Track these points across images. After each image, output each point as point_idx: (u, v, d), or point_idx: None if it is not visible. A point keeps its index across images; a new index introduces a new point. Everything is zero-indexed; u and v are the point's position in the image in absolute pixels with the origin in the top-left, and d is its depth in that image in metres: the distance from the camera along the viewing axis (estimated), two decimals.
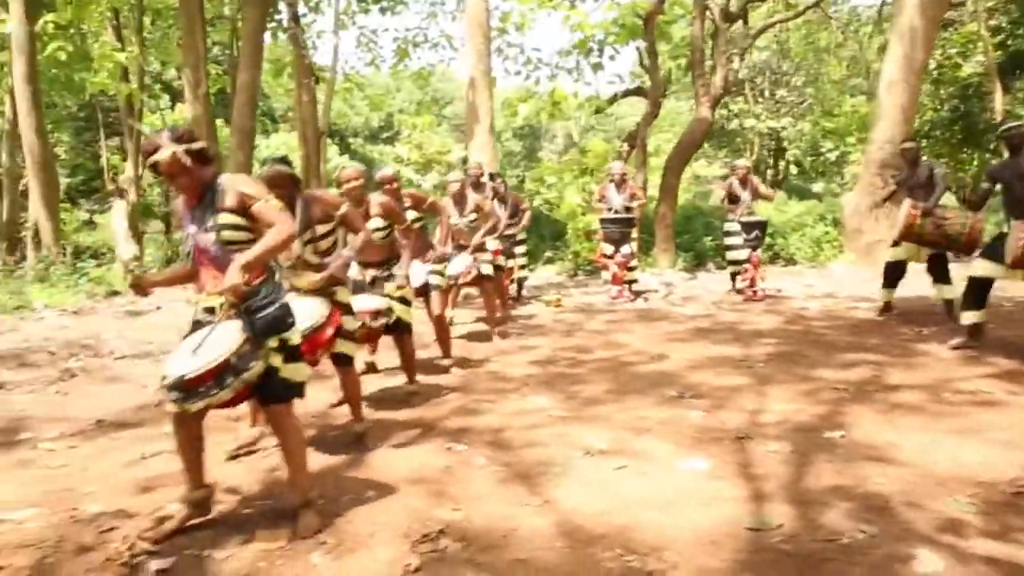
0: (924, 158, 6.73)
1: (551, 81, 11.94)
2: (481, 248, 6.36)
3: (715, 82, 10.91)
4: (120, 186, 12.59)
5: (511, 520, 2.86)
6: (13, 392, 5.18)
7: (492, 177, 8.48)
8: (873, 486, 3.07)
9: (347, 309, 3.95)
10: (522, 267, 8.79)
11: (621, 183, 8.44)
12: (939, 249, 6.36)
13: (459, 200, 6.36)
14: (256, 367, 2.65)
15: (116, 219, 12.41)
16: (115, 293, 9.95)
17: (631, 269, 8.68)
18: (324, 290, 3.75)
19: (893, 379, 4.83)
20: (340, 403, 4.42)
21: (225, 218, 2.74)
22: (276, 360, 2.76)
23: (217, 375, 2.56)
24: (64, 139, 19.56)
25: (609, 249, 8.48)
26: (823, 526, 2.74)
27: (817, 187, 30.98)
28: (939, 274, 6.56)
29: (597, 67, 11.44)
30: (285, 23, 12.71)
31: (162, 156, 2.70)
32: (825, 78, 24.55)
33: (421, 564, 2.52)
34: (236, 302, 2.66)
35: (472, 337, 6.85)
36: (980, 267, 5.42)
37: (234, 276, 2.57)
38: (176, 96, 23.59)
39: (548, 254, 12.04)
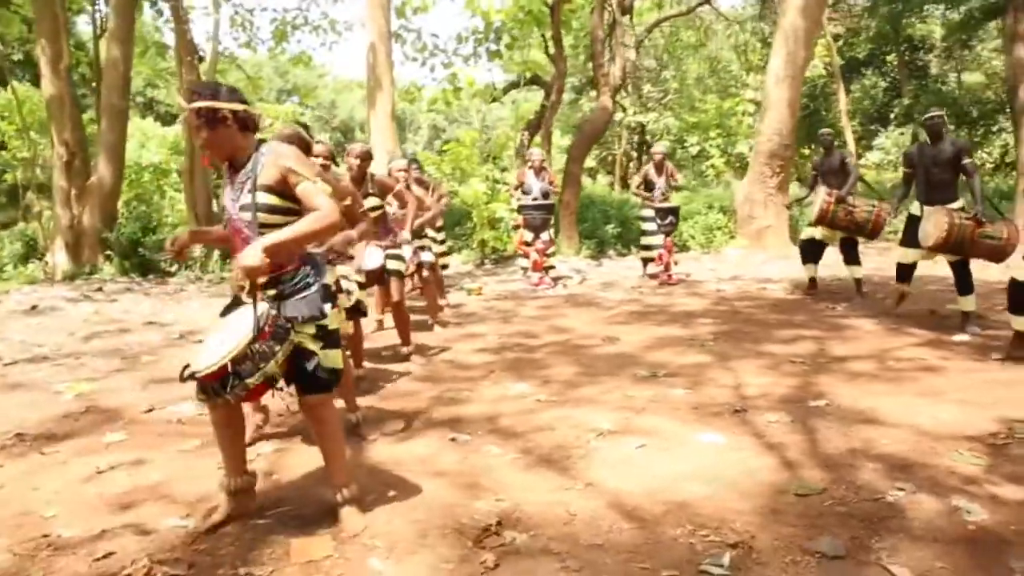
0: (836, 146, 7.21)
1: (446, 68, 11.71)
2: (421, 236, 6.19)
3: (614, 72, 11.15)
4: None
5: (563, 505, 2.73)
6: None
7: (410, 163, 8.19)
8: (883, 447, 3.21)
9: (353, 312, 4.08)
10: (443, 254, 8.55)
11: (540, 170, 8.41)
12: (849, 234, 6.86)
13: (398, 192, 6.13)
14: (268, 367, 2.33)
15: None
16: None
17: (550, 255, 8.69)
18: None
19: (838, 351, 5.12)
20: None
21: (263, 198, 2.42)
22: (314, 347, 2.49)
23: (219, 379, 2.32)
24: None
25: (529, 236, 8.44)
26: (863, 487, 2.81)
27: (660, 144, 32.57)
28: (850, 256, 7.08)
29: (495, 55, 11.36)
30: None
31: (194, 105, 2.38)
32: (688, 76, 25.91)
33: (498, 559, 2.34)
34: (253, 284, 2.38)
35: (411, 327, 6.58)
36: (903, 254, 5.88)
37: (251, 257, 2.27)
38: (5, 74, 21.03)
39: (449, 243, 11.82)
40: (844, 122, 20.26)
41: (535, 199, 8.37)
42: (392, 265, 5.14)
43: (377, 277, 4.95)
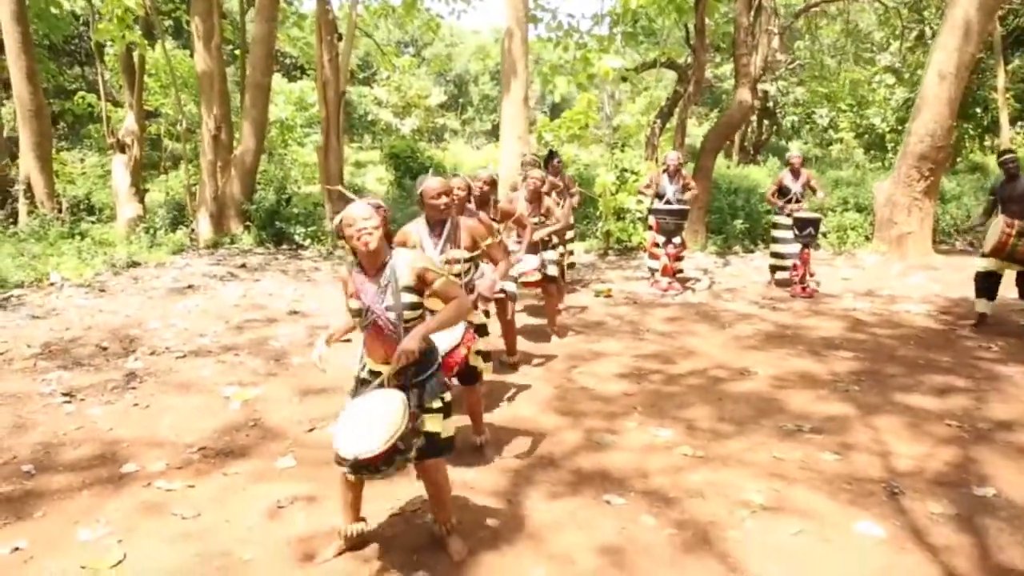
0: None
1: (579, 50, 11.48)
2: (547, 246, 6.35)
3: (755, 62, 10.63)
4: (121, 139, 11.82)
5: None
6: (87, 403, 4.86)
7: (551, 155, 8.18)
8: None
9: (480, 330, 4.27)
10: (570, 252, 8.57)
11: (675, 173, 8.21)
12: None
13: (533, 199, 6.18)
14: (417, 442, 2.79)
15: (118, 176, 11.73)
16: (135, 264, 9.43)
17: (680, 259, 8.54)
18: None
19: (998, 412, 4.82)
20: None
21: (407, 298, 2.84)
22: (438, 422, 2.91)
23: (387, 456, 2.66)
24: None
25: (661, 240, 8.30)
26: None
27: (793, 148, 31.04)
28: None
29: (630, 38, 11.04)
30: None
31: (371, 224, 2.74)
32: (818, 43, 24.31)
33: None
34: (406, 366, 2.79)
35: (529, 335, 6.69)
36: None
37: (413, 343, 2.72)
38: (153, 32, 22.27)
39: (575, 229, 11.81)
40: (1001, 101, 18.52)
41: (668, 203, 8.21)
42: (508, 287, 5.33)
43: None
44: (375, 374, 2.90)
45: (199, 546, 3.17)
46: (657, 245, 8.41)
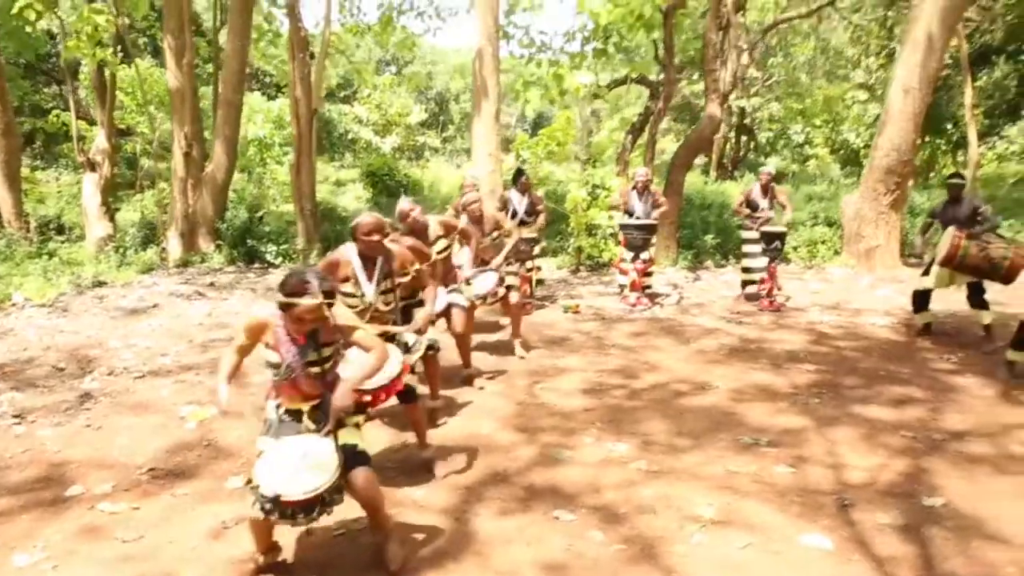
0: (966, 192, 6.70)
1: (552, 66, 11.57)
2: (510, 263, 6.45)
3: (724, 77, 10.76)
4: (92, 158, 11.74)
5: None
6: (37, 423, 4.78)
7: (519, 173, 8.23)
8: None
9: (430, 347, 4.45)
10: (538, 268, 8.58)
11: (644, 189, 8.26)
12: (979, 276, 6.41)
13: (478, 220, 6.20)
14: (338, 500, 2.88)
15: (87, 195, 11.64)
16: (100, 283, 9.33)
17: (648, 275, 8.57)
18: (392, 336, 4.05)
19: (952, 423, 4.86)
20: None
21: (326, 352, 3.02)
22: (355, 435, 3.05)
23: (307, 505, 2.72)
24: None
25: (629, 255, 8.34)
26: None
27: (771, 163, 31.48)
28: (976, 299, 6.64)
29: (601, 54, 11.13)
30: None
31: (308, 303, 2.80)
32: (793, 60, 24.66)
33: None
34: (343, 419, 3.00)
35: (495, 350, 6.69)
36: None
37: (347, 399, 2.94)
38: (130, 50, 22.19)
39: (544, 244, 11.84)
40: (968, 116, 18.86)
41: (638, 219, 8.25)
42: (456, 300, 5.45)
43: (443, 313, 5.40)
44: (292, 413, 3.04)
45: (138, 568, 3.12)
46: (624, 260, 8.44)
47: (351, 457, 2.95)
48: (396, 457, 4.37)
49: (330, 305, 2.87)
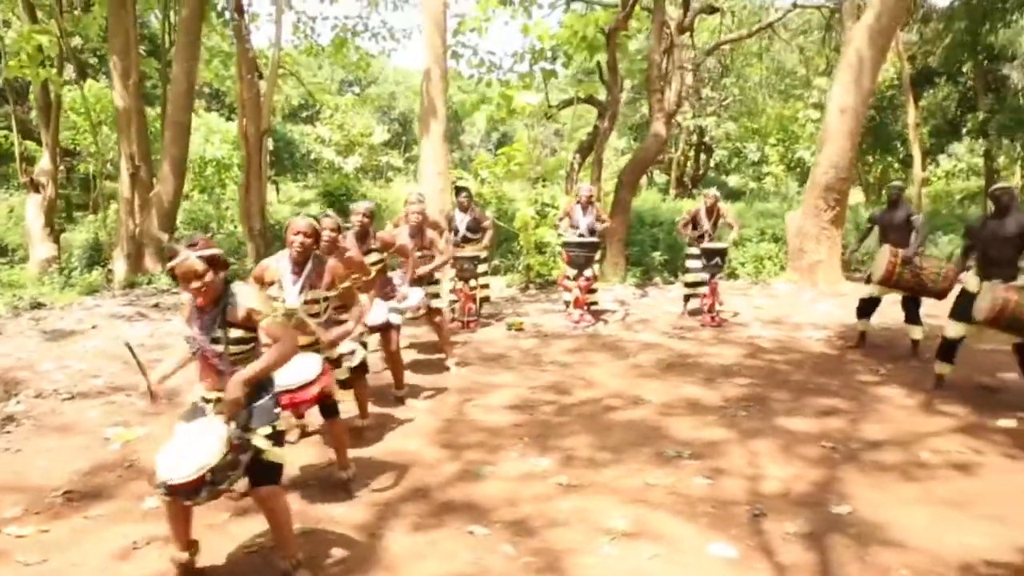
0: (903, 200, 6.98)
1: (503, 86, 11.73)
2: (431, 280, 6.44)
3: (668, 97, 11.00)
4: (35, 179, 11.56)
5: None
6: None
7: (459, 190, 8.32)
8: None
9: (336, 363, 4.29)
10: (483, 287, 8.65)
11: (587, 205, 8.39)
12: (915, 295, 6.69)
13: (416, 233, 6.25)
14: (235, 475, 2.85)
15: (31, 216, 11.46)
16: (39, 305, 9.16)
17: (592, 291, 8.68)
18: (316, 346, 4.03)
19: (870, 433, 5.01)
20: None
21: (233, 333, 2.95)
22: (266, 445, 2.95)
23: (194, 488, 2.73)
24: None
25: (572, 272, 8.44)
26: None
27: (732, 181, 32.26)
28: (911, 315, 6.91)
29: (550, 75, 11.33)
30: (226, 11, 11.91)
31: (177, 262, 2.82)
32: (748, 80, 25.28)
33: None
34: (234, 413, 2.88)
35: (423, 369, 6.71)
36: (952, 328, 5.71)
37: (236, 391, 2.83)
38: (82, 70, 21.88)
39: (496, 262, 11.93)
40: (912, 135, 19.50)
41: (581, 235, 8.37)
42: (394, 319, 5.46)
43: (379, 328, 5.31)
44: (207, 401, 3.01)
45: None
46: (568, 278, 8.54)
47: (259, 470, 2.94)
48: (321, 475, 4.36)
49: (203, 258, 2.82)
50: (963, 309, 5.56)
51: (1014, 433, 5.02)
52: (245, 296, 2.96)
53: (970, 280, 5.70)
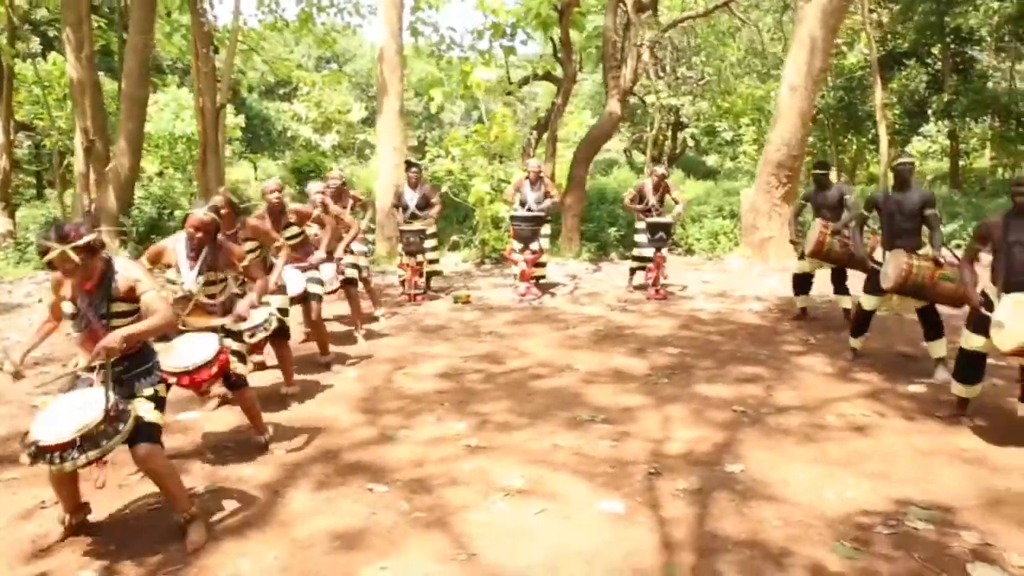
0: (834, 180, 7.17)
1: (462, 63, 11.74)
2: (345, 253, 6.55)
3: (625, 75, 11.07)
4: None
5: None
6: None
7: (409, 165, 8.39)
8: (771, 530, 3.31)
9: (235, 336, 4.33)
10: (432, 261, 8.74)
11: (536, 180, 8.49)
12: (843, 266, 6.88)
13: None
14: (110, 444, 2.93)
15: None
16: None
17: (539, 265, 8.80)
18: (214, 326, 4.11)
19: (782, 399, 5.17)
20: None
21: (117, 307, 3.14)
22: (146, 408, 3.15)
23: (61, 451, 2.82)
24: None
25: (519, 246, 8.55)
26: None
27: (710, 160, 32.43)
28: (840, 286, 7.12)
29: (509, 51, 11.36)
30: None
31: (52, 256, 2.94)
32: (724, 60, 25.32)
33: None
34: (106, 361, 3.00)
35: (342, 339, 6.84)
36: (866, 301, 5.89)
37: (112, 341, 2.97)
38: (48, 42, 21.54)
39: (454, 238, 12.01)
40: (879, 116, 19.67)
41: (529, 209, 8.47)
42: (313, 289, 5.66)
43: (300, 298, 5.56)
44: (90, 370, 3.12)
45: None
46: (515, 251, 8.65)
47: (137, 429, 3.07)
48: (239, 438, 4.48)
49: (77, 249, 2.92)
50: (874, 282, 5.75)
51: (921, 397, 5.20)
52: (128, 269, 3.18)
53: (877, 252, 5.91)
